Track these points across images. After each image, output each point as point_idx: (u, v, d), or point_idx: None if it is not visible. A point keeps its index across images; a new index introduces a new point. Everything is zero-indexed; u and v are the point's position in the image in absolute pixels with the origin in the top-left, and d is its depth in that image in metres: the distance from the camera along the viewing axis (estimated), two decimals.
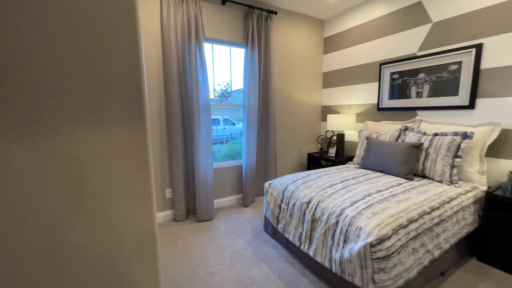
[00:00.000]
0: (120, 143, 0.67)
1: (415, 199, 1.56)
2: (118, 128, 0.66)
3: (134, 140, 0.69)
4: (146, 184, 0.73)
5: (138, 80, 0.68)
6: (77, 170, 0.62)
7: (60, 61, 0.57)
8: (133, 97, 0.68)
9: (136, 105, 0.69)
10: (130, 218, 0.71)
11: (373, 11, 2.81)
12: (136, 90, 0.68)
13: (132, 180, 0.70)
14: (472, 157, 1.95)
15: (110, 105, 0.65)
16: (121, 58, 0.64)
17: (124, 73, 0.65)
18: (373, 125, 2.79)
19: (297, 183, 1.95)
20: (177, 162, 2.47)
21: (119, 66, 0.64)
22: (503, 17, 1.87)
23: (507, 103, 1.89)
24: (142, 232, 0.73)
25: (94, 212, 0.65)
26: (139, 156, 0.70)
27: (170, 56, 2.33)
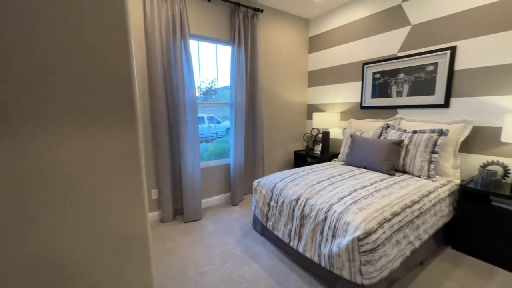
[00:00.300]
0: (111, 146, 0.64)
1: (397, 194, 1.65)
2: (109, 131, 0.64)
3: (125, 143, 0.67)
4: (138, 187, 0.71)
5: (129, 80, 0.66)
6: (63, 174, 0.59)
7: (48, 60, 0.54)
8: (124, 98, 0.65)
9: (128, 107, 0.66)
10: (121, 222, 0.69)
11: (356, 12, 2.89)
12: (128, 91, 0.66)
13: (123, 184, 0.68)
14: (447, 152, 2.09)
15: (101, 107, 0.62)
16: (113, 58, 0.62)
17: (116, 73, 0.63)
18: (356, 123, 2.89)
19: (286, 181, 1.98)
20: (163, 162, 2.41)
21: (111, 66, 0.62)
22: (474, 22, 2.00)
23: (478, 102, 2.04)
24: (135, 236, 0.71)
25: (82, 217, 0.63)
26: (131, 159, 0.68)
27: (154, 53, 2.26)
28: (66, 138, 0.58)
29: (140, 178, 0.70)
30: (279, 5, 3.04)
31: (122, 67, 0.64)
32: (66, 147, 0.58)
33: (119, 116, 0.65)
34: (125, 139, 0.66)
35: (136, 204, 0.71)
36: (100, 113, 0.62)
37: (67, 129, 0.58)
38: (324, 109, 3.47)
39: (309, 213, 1.60)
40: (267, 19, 3.09)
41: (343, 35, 3.07)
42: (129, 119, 0.66)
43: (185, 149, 2.44)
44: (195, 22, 2.56)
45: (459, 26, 2.09)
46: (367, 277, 1.26)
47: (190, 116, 2.46)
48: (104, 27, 0.60)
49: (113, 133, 0.64)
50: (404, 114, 2.55)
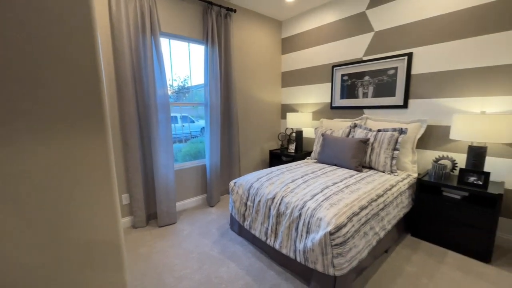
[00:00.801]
0: (79, 151, 0.61)
1: (364, 189, 1.77)
2: (77, 137, 0.61)
3: (94, 148, 0.64)
4: (109, 193, 0.68)
5: (97, 83, 0.63)
6: (27, 184, 0.55)
7: (3, 63, 0.49)
8: (92, 101, 0.63)
9: (96, 110, 0.64)
10: (92, 230, 0.66)
11: (325, 16, 3.03)
12: (95, 94, 0.63)
13: (93, 190, 0.65)
14: (406, 149, 2.30)
15: (66, 112, 0.58)
16: (77, 59, 0.59)
17: (82, 76, 0.60)
18: (327, 122, 3.04)
19: (262, 180, 2.02)
20: (134, 165, 2.30)
21: (76, 68, 0.58)
22: (427, 31, 2.23)
23: (431, 104, 2.27)
24: (107, 244, 0.69)
25: (50, 228, 0.59)
26: (101, 165, 0.66)
27: (122, 51, 2.14)
28: (28, 146, 0.54)
29: (111, 184, 0.68)
30: (252, 5, 3.06)
31: (88, 68, 0.61)
32: (28, 155, 0.54)
33: (87, 120, 0.62)
34: (94, 143, 0.64)
35: (108, 211, 0.68)
36: (65, 118, 0.59)
37: (27, 137, 0.54)
38: (297, 109, 3.58)
39: (285, 211, 1.65)
40: (240, 19, 3.10)
41: (313, 38, 3.20)
42: (97, 122, 0.64)
43: (158, 151, 2.36)
44: (166, 19, 2.48)
45: (414, 34, 2.31)
46: (339, 269, 1.35)
47: (162, 116, 2.38)
48: (67, 26, 0.56)
49: (81, 138, 0.61)
50: (369, 114, 2.74)
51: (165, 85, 2.36)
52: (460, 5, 2.02)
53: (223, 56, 2.89)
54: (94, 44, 0.61)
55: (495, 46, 1.89)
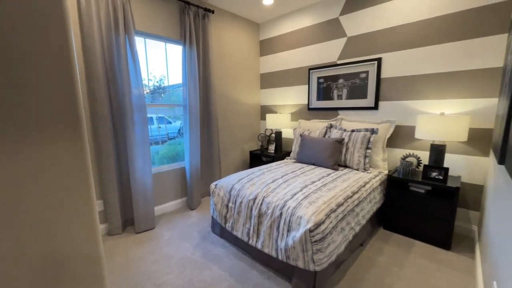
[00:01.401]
0: (52, 158, 0.58)
1: (340, 186, 1.87)
2: (50, 142, 0.58)
3: (69, 154, 0.61)
4: (87, 202, 0.66)
5: (71, 85, 0.60)
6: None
7: None
8: (66, 104, 0.60)
9: (71, 114, 0.61)
10: (69, 241, 0.63)
11: (301, 21, 3.13)
12: (70, 97, 0.60)
13: (69, 199, 0.62)
14: (377, 148, 2.46)
15: (38, 115, 0.55)
16: (50, 60, 0.56)
17: (55, 78, 0.57)
18: (305, 123, 3.14)
19: (243, 182, 2.03)
20: (108, 169, 2.19)
21: (48, 70, 0.56)
22: (394, 38, 2.40)
23: (399, 106, 2.46)
24: (85, 256, 0.66)
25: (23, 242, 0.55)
26: (77, 173, 0.63)
27: (93, 50, 2.03)
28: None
29: (89, 191, 0.65)
30: (230, 7, 3.07)
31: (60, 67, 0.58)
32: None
33: (61, 123, 0.59)
34: (69, 148, 0.61)
35: (85, 220, 0.65)
36: (35, 122, 0.55)
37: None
38: (276, 110, 3.65)
39: (266, 210, 1.69)
40: (218, 20, 3.09)
41: (290, 41, 3.29)
42: (72, 125, 0.61)
43: (134, 154, 2.27)
44: (141, 18, 2.39)
45: (383, 41, 2.48)
46: (319, 264, 1.41)
47: (138, 117, 2.30)
48: (36, 21, 0.53)
49: (54, 143, 0.58)
50: (344, 115, 2.88)
51: (141, 85, 2.28)
52: (422, 16, 2.21)
53: (202, 57, 2.86)
54: (67, 42, 0.59)
55: (452, 54, 2.10)
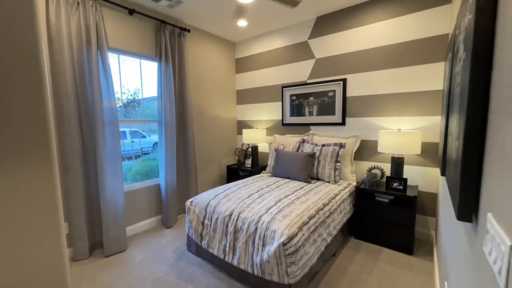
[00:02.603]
0: (17, 181, 0.58)
1: (312, 199, 1.97)
2: (15, 167, 0.58)
3: (37, 179, 0.61)
4: (54, 226, 0.65)
5: (42, 107, 0.62)
6: None
7: None
8: (35, 127, 0.61)
9: (39, 135, 0.61)
10: (33, 272, 0.61)
11: (274, 42, 3.33)
12: (40, 118, 0.61)
13: (34, 225, 0.61)
14: (346, 161, 2.63)
15: (3, 137, 0.56)
16: (18, 78, 0.57)
17: (23, 98, 0.58)
18: (279, 138, 3.26)
19: (219, 198, 2.05)
20: (75, 189, 2.07)
21: (16, 87, 0.56)
22: (357, 61, 2.66)
23: (363, 122, 2.68)
24: (51, 286, 0.64)
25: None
26: (44, 195, 0.63)
27: (62, 65, 1.98)
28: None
29: (56, 215, 0.65)
30: (206, 26, 3.18)
31: (31, 87, 0.59)
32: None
33: (28, 144, 0.60)
34: (36, 171, 0.61)
35: (51, 246, 0.64)
36: (2, 146, 0.56)
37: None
38: (252, 125, 3.75)
39: (242, 226, 1.71)
40: (195, 39, 3.17)
41: (264, 60, 3.46)
42: (40, 147, 0.62)
43: (104, 172, 2.18)
44: (115, 35, 2.39)
45: (347, 63, 2.73)
46: (293, 276, 1.46)
47: (109, 132, 2.23)
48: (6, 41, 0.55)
49: (21, 166, 0.58)
50: (315, 130, 3.06)
51: (113, 98, 2.24)
52: (379, 44, 2.50)
53: (177, 74, 2.89)
54: (38, 60, 0.60)
55: (405, 77, 2.38)
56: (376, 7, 2.49)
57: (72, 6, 2.05)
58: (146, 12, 2.62)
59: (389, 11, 2.42)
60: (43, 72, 0.62)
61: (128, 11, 2.44)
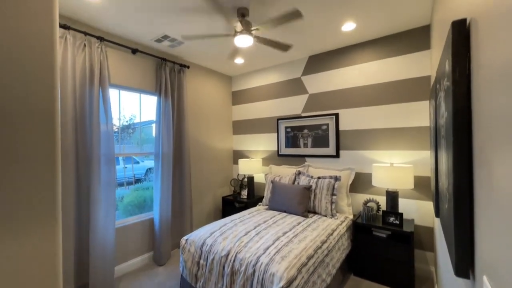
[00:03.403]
0: (22, 246, 0.58)
1: (310, 236, 1.95)
2: (20, 230, 0.58)
3: (39, 239, 0.61)
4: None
5: (53, 159, 0.63)
6: None
7: None
8: (42, 179, 0.61)
9: (45, 190, 0.62)
10: None
11: (269, 77, 3.52)
12: (49, 171, 0.62)
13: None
14: (342, 193, 2.66)
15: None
16: (33, 128, 0.59)
17: (34, 147, 0.59)
18: (276, 168, 3.29)
19: (215, 235, 2.00)
20: (66, 229, 2.00)
21: (28, 137, 0.58)
22: (348, 97, 2.82)
23: (357, 155, 2.76)
24: None
25: None
26: (46, 260, 0.62)
27: (64, 102, 2.03)
28: None
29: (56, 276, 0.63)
30: (204, 63, 3.35)
31: (44, 138, 0.61)
32: None
33: (33, 205, 0.60)
34: (39, 231, 0.61)
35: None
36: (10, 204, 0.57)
37: None
38: (248, 155, 3.79)
39: (239, 268, 1.66)
40: (193, 74, 3.32)
41: (260, 93, 3.62)
42: (46, 210, 0.62)
43: (96, 211, 2.12)
44: (118, 72, 2.49)
45: (339, 99, 2.88)
46: None
47: (105, 169, 2.22)
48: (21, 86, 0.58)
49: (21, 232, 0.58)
50: (310, 162, 3.12)
51: (112, 137, 2.27)
52: (369, 82, 2.67)
53: (176, 107, 2.97)
54: (53, 106, 0.63)
55: (395, 114, 2.51)
56: (363, 50, 2.71)
57: (79, 48, 2.16)
58: (148, 51, 2.76)
59: (375, 53, 2.63)
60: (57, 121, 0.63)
61: (131, 50, 2.58)
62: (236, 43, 2.03)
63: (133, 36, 2.51)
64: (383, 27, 2.39)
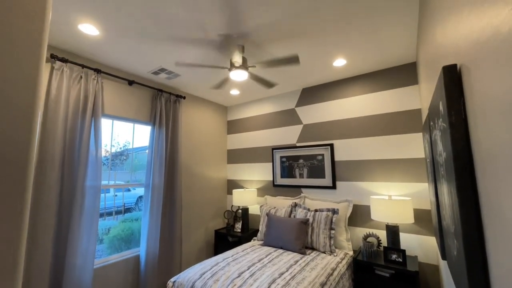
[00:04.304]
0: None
1: (309, 278, 1.80)
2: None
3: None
4: None
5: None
6: None
7: None
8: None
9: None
10: None
11: (264, 107, 3.58)
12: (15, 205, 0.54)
13: None
14: (340, 227, 2.54)
15: None
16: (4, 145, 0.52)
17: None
18: (271, 199, 3.18)
19: (205, 277, 1.83)
20: (39, 270, 1.81)
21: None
22: (342, 128, 2.85)
23: (354, 186, 2.70)
24: None
25: None
26: None
27: (53, 133, 1.97)
28: None
29: None
30: (201, 94, 3.41)
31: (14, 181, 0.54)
32: None
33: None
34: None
35: None
36: None
37: None
38: (242, 185, 3.69)
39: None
40: (189, 104, 3.35)
41: (255, 123, 3.65)
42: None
43: (75, 249, 1.95)
44: (113, 103, 2.49)
45: (333, 130, 2.91)
46: None
47: (90, 204, 2.09)
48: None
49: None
50: (306, 193, 3.03)
51: (100, 170, 2.18)
52: (363, 113, 2.72)
53: (170, 137, 2.94)
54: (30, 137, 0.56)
55: (390, 145, 2.52)
56: (354, 84, 2.81)
57: (75, 79, 2.17)
58: (145, 83, 2.81)
59: (366, 87, 2.73)
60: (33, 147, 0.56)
61: (128, 82, 2.61)
62: (231, 77, 2.07)
63: (130, 68, 2.56)
64: (372, 64, 2.51)
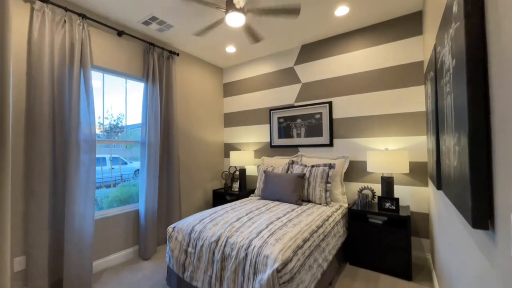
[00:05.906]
0: None
1: (305, 221, 1.86)
2: None
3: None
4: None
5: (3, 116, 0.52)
6: None
7: None
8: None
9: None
10: None
11: (261, 68, 3.45)
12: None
13: None
14: (336, 182, 2.59)
15: None
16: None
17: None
18: (268, 160, 3.20)
19: (205, 222, 1.88)
20: (39, 217, 1.82)
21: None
22: (341, 85, 2.78)
23: (351, 143, 2.71)
24: None
25: None
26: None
27: (40, 81, 1.87)
28: None
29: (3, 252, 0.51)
30: (195, 52, 3.25)
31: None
32: None
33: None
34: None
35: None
36: None
37: None
38: (239, 148, 3.69)
39: (230, 252, 1.54)
40: (183, 62, 3.21)
41: (252, 84, 3.54)
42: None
43: (74, 198, 1.95)
44: (101, 53, 2.35)
45: (332, 87, 2.84)
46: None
47: (86, 156, 2.06)
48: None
49: None
50: (304, 151, 3.04)
51: (93, 122, 2.11)
52: (362, 69, 2.64)
53: (164, 95, 2.84)
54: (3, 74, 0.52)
55: (388, 100, 2.49)
56: (354, 38, 2.69)
57: (58, 24, 2.01)
58: (136, 34, 2.64)
59: (367, 41, 2.61)
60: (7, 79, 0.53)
61: (117, 32, 2.45)
62: (227, 21, 1.94)
63: (119, 17, 2.38)
64: (376, 13, 2.37)
